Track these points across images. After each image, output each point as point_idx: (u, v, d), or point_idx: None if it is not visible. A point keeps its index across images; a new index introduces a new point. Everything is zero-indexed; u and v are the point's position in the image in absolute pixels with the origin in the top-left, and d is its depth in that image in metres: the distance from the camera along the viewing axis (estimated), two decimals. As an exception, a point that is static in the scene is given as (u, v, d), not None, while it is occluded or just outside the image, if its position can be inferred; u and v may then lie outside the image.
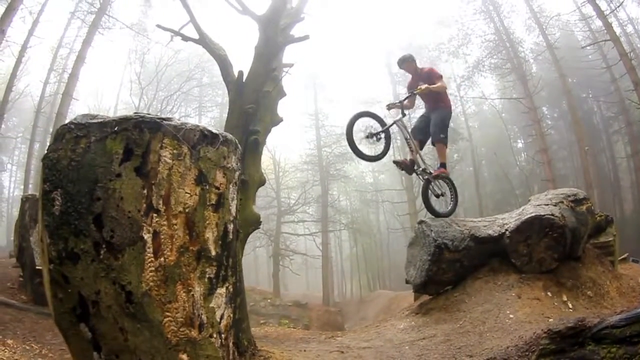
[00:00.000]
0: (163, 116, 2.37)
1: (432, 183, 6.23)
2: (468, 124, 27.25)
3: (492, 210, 25.28)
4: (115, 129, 2.22)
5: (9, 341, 5.34)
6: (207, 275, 2.27)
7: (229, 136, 2.54)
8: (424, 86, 5.93)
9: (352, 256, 34.26)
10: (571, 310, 4.60)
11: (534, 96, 18.80)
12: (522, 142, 28.49)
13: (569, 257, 5.42)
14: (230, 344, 2.41)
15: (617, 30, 17.21)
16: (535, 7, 19.93)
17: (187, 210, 2.23)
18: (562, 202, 5.73)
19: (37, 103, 19.98)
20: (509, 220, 5.68)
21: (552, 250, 5.19)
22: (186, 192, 2.25)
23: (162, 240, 2.13)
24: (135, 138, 2.20)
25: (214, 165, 2.39)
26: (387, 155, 6.14)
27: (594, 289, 5.14)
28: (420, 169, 6.26)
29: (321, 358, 4.03)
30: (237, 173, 2.57)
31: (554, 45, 19.00)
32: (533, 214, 5.35)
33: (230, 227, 2.46)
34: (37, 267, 6.94)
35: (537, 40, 21.21)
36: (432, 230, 5.61)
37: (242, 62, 6.22)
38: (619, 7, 16.76)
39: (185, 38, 6.42)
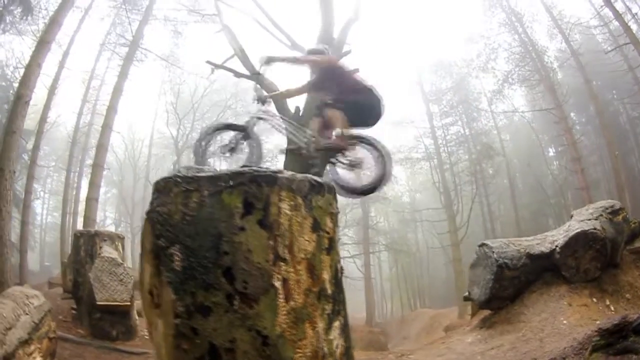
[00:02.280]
0: (273, 169, 2.54)
1: (336, 161, 4.80)
2: (501, 137, 27.29)
3: (528, 221, 25.10)
4: (231, 183, 2.30)
5: (73, 380, 5.21)
6: (326, 312, 2.38)
7: (330, 184, 2.69)
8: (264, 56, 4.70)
9: (392, 276, 34.58)
10: (613, 312, 5.22)
11: (563, 105, 18.68)
12: (554, 150, 28.28)
13: (609, 264, 6.00)
14: (344, 370, 2.55)
15: (634, 27, 16.85)
16: (555, 13, 19.88)
17: (307, 257, 2.34)
18: (601, 215, 6.39)
19: (72, 134, 20.68)
20: (558, 236, 6.25)
21: (595, 260, 5.84)
22: (305, 240, 2.35)
23: (291, 285, 2.24)
24: (254, 192, 2.29)
25: (324, 212, 2.51)
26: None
27: (632, 292, 5.73)
28: (313, 147, 4.78)
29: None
30: (338, 216, 2.73)
31: (577, 52, 18.87)
32: (579, 230, 5.98)
33: (339, 266, 2.61)
34: (98, 303, 6.96)
35: (559, 47, 21.23)
36: (493, 252, 6.17)
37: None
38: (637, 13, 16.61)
39: (238, 75, 6.64)
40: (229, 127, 4.74)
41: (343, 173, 4.82)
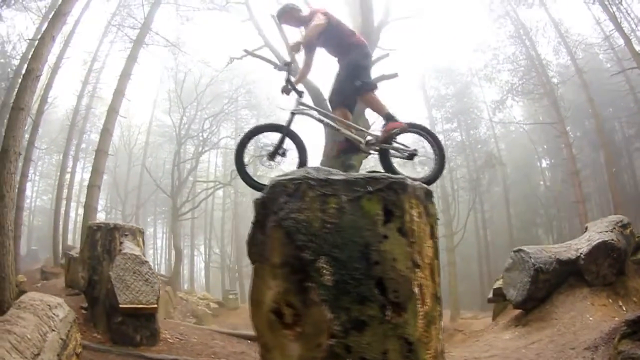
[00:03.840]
0: (400, 176, 2.55)
1: (390, 148, 4.18)
2: (499, 146, 27.80)
3: (520, 230, 25.58)
4: (369, 189, 2.26)
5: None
6: (438, 313, 2.45)
7: (431, 190, 2.73)
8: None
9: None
10: (625, 312, 5.97)
11: (564, 120, 19.11)
12: (547, 162, 28.94)
13: (619, 272, 6.84)
14: (441, 363, 2.65)
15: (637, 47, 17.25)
16: (562, 30, 20.28)
17: (430, 262, 2.39)
18: (614, 228, 7.28)
19: (72, 116, 20.17)
20: (581, 245, 7.09)
21: (612, 267, 6.70)
22: (427, 246, 2.39)
23: (424, 291, 2.28)
24: (393, 199, 2.27)
25: (434, 219, 2.54)
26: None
27: (638, 296, 6.62)
28: (363, 142, 4.24)
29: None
30: None
31: (582, 69, 19.23)
32: (600, 240, 6.82)
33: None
34: (121, 306, 6.30)
35: (562, 62, 21.74)
36: (530, 257, 6.88)
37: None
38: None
39: (279, 67, 6.60)
40: (266, 128, 4.33)
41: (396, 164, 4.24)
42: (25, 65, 11.54)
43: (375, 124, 5.45)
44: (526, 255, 6.99)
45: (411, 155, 4.20)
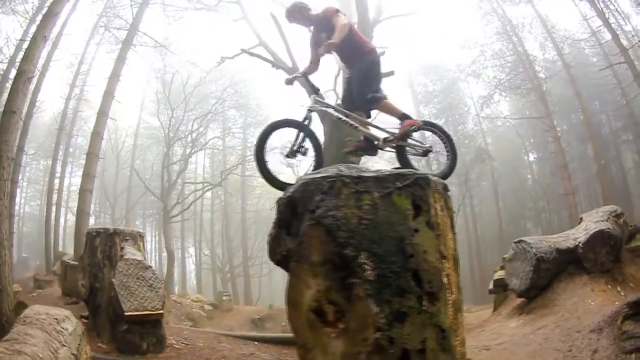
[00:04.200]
0: (423, 172, 2.63)
1: (407, 145, 4.24)
2: (486, 141, 28.19)
3: (508, 223, 25.89)
4: (398, 185, 2.34)
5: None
6: (461, 301, 2.57)
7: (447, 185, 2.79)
8: (325, 45, 4.15)
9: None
10: (624, 296, 6.04)
11: (552, 114, 19.42)
12: (535, 155, 29.38)
13: (616, 259, 7.02)
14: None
15: (624, 42, 17.47)
16: (549, 26, 20.63)
17: (452, 253, 2.50)
18: (609, 217, 7.44)
19: (60, 120, 19.76)
20: (578, 234, 7.24)
21: (609, 255, 6.86)
22: (449, 238, 2.51)
23: (451, 280, 2.38)
24: (420, 194, 2.36)
25: (452, 212, 2.66)
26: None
27: (634, 282, 6.84)
28: (381, 140, 4.28)
29: (481, 356, 5.31)
30: None
31: (569, 64, 19.56)
32: (597, 229, 7.00)
33: (454, 259, 2.78)
34: (126, 314, 6.03)
35: (549, 57, 22.12)
36: (532, 247, 7.08)
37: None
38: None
39: (278, 67, 6.64)
40: (284, 124, 4.12)
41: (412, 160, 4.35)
42: (13, 69, 11.22)
43: (374, 121, 5.49)
44: (527, 245, 7.19)
45: (426, 152, 4.33)
